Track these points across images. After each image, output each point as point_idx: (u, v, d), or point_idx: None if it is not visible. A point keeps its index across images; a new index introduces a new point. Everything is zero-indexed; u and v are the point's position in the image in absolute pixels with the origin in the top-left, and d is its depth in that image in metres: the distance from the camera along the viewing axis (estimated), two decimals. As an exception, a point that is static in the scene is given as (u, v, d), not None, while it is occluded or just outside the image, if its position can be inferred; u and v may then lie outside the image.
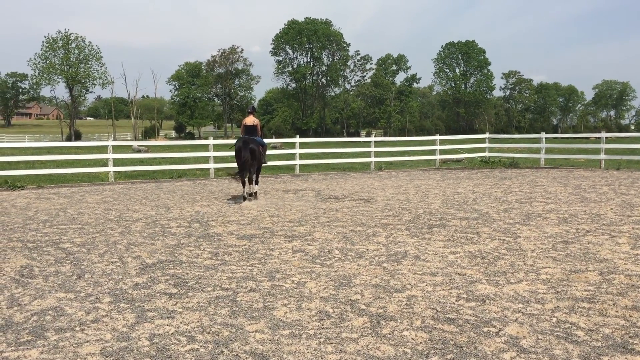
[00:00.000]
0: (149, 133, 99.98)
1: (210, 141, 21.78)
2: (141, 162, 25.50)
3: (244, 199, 13.13)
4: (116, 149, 31.18)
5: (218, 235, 8.71)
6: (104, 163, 21.55)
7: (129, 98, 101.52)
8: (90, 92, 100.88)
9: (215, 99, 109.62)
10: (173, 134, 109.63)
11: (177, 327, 4.66)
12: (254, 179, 13.49)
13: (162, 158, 27.09)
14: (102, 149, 24.31)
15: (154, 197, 14.29)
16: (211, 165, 21.13)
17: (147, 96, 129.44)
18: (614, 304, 5.06)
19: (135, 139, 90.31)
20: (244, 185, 13.20)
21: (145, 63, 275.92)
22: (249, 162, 12.83)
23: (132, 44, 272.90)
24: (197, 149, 31.21)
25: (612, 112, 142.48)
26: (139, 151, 37.04)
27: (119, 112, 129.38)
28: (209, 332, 4.54)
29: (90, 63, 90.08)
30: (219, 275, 6.32)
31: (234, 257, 7.23)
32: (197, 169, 22.39)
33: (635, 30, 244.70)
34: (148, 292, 5.70)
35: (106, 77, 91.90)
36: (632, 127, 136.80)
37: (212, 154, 21.22)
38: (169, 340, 4.38)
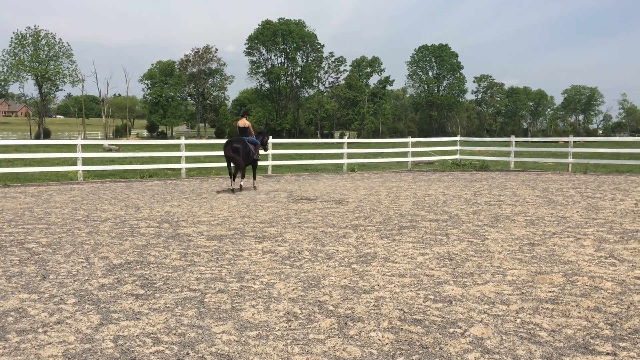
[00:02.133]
0: (121, 132, 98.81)
1: (182, 141, 21.59)
2: (111, 161, 25.16)
3: (232, 191, 14.96)
4: (86, 147, 30.72)
5: (188, 236, 8.64)
6: (72, 162, 21.23)
7: (100, 96, 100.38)
8: (60, 89, 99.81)
9: (189, 99, 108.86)
10: (145, 133, 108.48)
11: (143, 329, 4.60)
12: (240, 174, 15.35)
13: (133, 157, 26.80)
14: (72, 148, 23.96)
15: (123, 196, 14.12)
16: (183, 165, 20.94)
17: (119, 95, 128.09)
18: (576, 305, 5.16)
19: (106, 137, 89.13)
20: (232, 179, 15.26)
21: (117, 61, 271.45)
22: (235, 159, 14.80)
23: (104, 41, 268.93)
24: (168, 149, 30.92)
25: (581, 117, 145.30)
26: (109, 150, 36.52)
27: (90, 111, 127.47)
28: (175, 334, 4.49)
29: (60, 60, 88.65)
30: (188, 276, 6.27)
31: (203, 257, 7.18)
32: (168, 169, 22.18)
33: (604, 37, 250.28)
34: (114, 293, 5.62)
35: (77, 74, 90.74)
36: (600, 132, 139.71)
37: (184, 153, 21.03)
38: (134, 341, 4.33)
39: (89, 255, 7.31)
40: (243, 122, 15.81)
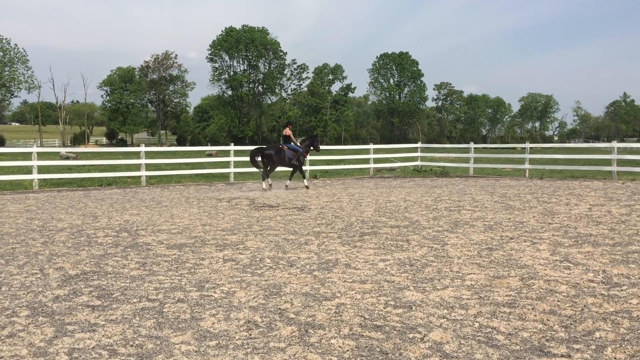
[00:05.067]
0: (79, 139, 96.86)
1: (142, 148, 21.27)
2: (69, 169, 24.62)
3: (264, 190, 17.29)
4: (42, 155, 29.85)
5: (147, 245, 8.50)
6: (27, 170, 20.67)
7: (57, 103, 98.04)
8: (16, 96, 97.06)
9: (149, 105, 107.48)
10: (104, 140, 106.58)
11: (99, 341, 4.50)
12: (266, 174, 17.84)
13: (92, 165, 26.26)
14: (27, 156, 23.29)
15: (80, 205, 13.81)
16: (143, 172, 20.63)
17: (77, 101, 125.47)
18: (532, 309, 5.26)
19: (64, 145, 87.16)
20: (263, 179, 17.76)
21: (75, 67, 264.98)
22: (267, 162, 17.61)
23: (61, 46, 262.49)
24: (128, 156, 30.40)
25: (537, 124, 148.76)
26: (67, 158, 35.70)
27: (47, 118, 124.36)
28: (132, 345, 4.41)
29: (15, 66, 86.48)
30: (146, 286, 6.16)
31: (162, 267, 7.07)
32: (128, 177, 21.81)
33: (558, 46, 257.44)
34: (69, 304, 5.48)
35: (33, 80, 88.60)
36: (556, 138, 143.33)
37: (144, 161, 20.74)
38: (89, 354, 4.23)
39: (44, 266, 7.11)
40: (286, 131, 18.42)
